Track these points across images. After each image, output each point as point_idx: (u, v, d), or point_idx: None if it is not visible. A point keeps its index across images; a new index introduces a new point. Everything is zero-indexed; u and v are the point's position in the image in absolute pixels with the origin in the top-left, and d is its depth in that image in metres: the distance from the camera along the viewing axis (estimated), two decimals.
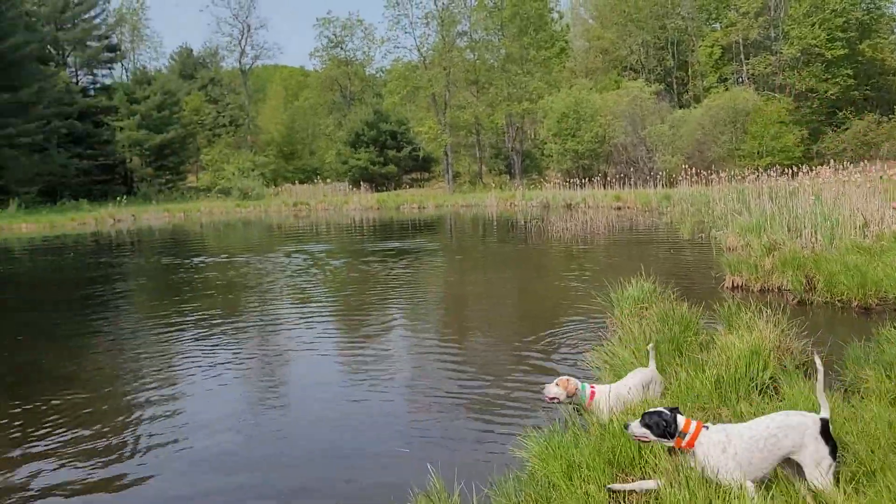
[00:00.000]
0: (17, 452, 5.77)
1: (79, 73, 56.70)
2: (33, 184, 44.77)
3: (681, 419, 3.78)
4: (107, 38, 57.85)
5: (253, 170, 53.05)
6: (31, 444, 5.93)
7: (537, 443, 4.34)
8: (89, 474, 5.35)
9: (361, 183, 51.43)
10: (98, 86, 57.06)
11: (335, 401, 6.87)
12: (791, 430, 3.62)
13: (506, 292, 13.57)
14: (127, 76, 61.44)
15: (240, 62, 68.81)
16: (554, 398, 5.02)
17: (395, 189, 52.91)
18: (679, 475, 3.67)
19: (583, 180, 39.97)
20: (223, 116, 63.47)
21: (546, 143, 48.21)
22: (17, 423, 6.46)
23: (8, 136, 42.64)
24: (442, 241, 24.58)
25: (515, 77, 49.73)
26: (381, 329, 10.41)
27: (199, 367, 8.26)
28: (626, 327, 7.07)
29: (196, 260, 19.97)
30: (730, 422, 4.21)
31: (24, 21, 46.49)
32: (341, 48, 66.78)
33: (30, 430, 6.27)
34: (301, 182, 56.42)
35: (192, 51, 69.97)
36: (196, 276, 16.84)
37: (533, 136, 56.15)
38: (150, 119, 52.14)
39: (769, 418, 3.76)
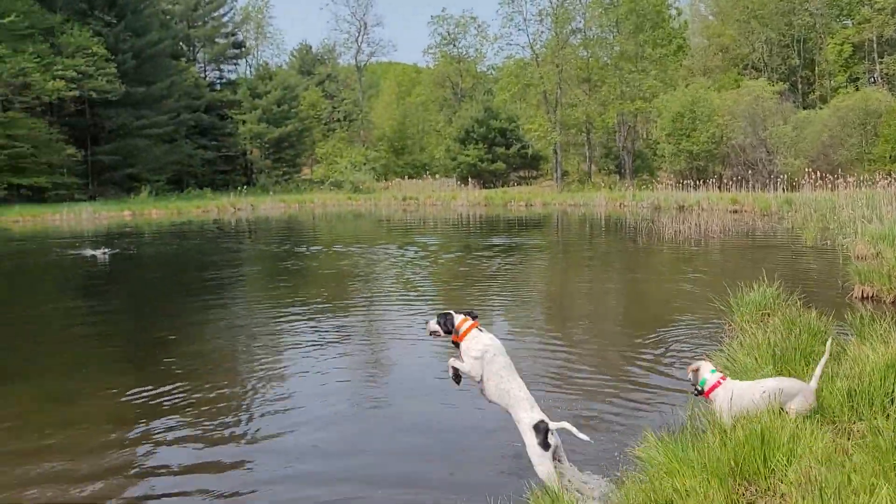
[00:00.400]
0: (142, 419, 6.15)
1: (207, 68, 59.81)
2: (163, 172, 47.59)
3: (458, 318, 4.68)
4: (233, 35, 60.75)
5: (364, 164, 54.34)
6: (157, 411, 6.31)
7: (657, 445, 4.22)
8: (207, 434, 5.66)
9: (469, 179, 51.73)
10: (224, 81, 60.00)
11: (441, 391, 6.94)
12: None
13: (613, 291, 13.31)
14: (250, 72, 64.23)
15: (356, 59, 70.78)
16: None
17: (502, 186, 52.88)
18: (811, 489, 3.48)
19: (697, 182, 38.60)
20: (338, 111, 65.34)
21: (659, 143, 46.87)
22: (145, 393, 6.87)
23: (142, 127, 45.57)
24: (549, 239, 24.38)
25: (629, 75, 48.58)
26: (485, 323, 10.42)
27: (309, 350, 8.54)
28: (748, 333, 6.76)
29: (309, 249, 20.68)
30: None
31: (159, 19, 49.49)
32: (454, 45, 67.32)
33: (158, 399, 6.67)
34: (410, 177, 57.31)
35: (310, 48, 72.42)
36: (309, 264, 17.45)
37: (645, 135, 54.73)
38: (270, 113, 54.39)
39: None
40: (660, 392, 6.64)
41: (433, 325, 4.75)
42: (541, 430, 4.31)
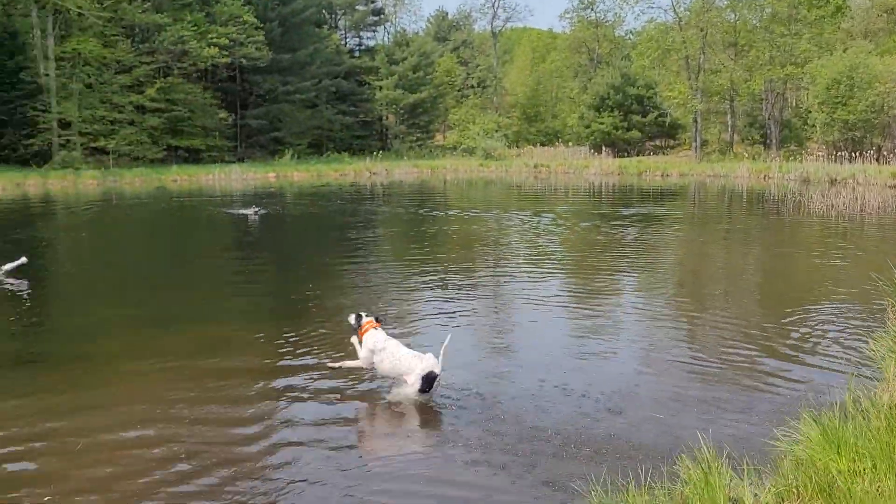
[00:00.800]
0: (281, 370, 6.60)
1: (347, 35, 61.42)
2: (305, 137, 49.66)
3: (365, 318, 6.07)
4: (373, 2, 61.92)
5: (497, 131, 54.29)
6: (299, 365, 6.74)
7: (816, 426, 4.08)
8: (344, 388, 6.02)
9: (603, 148, 50.57)
10: (363, 48, 61.44)
11: (570, 358, 7.00)
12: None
13: (755, 266, 12.79)
14: (388, 39, 65.39)
15: (491, 24, 70.42)
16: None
17: (637, 155, 51.36)
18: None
19: (852, 154, 35.90)
20: (472, 78, 65.48)
21: (810, 112, 43.81)
22: (289, 345, 7.34)
23: (287, 93, 47.68)
24: (685, 210, 23.61)
25: (781, 39, 45.50)
26: (614, 292, 10.34)
27: (439, 310, 8.78)
28: None
29: (439, 213, 21.11)
30: None
31: None
32: (592, 9, 65.48)
33: (298, 352, 7.12)
34: (542, 145, 56.73)
35: (447, 14, 72.71)
36: (440, 227, 17.85)
37: (794, 103, 51.28)
38: (406, 79, 55.31)
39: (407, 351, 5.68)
40: (811, 371, 6.41)
41: (351, 319, 6.20)
42: (430, 378, 5.50)
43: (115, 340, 7.66)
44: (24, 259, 10.80)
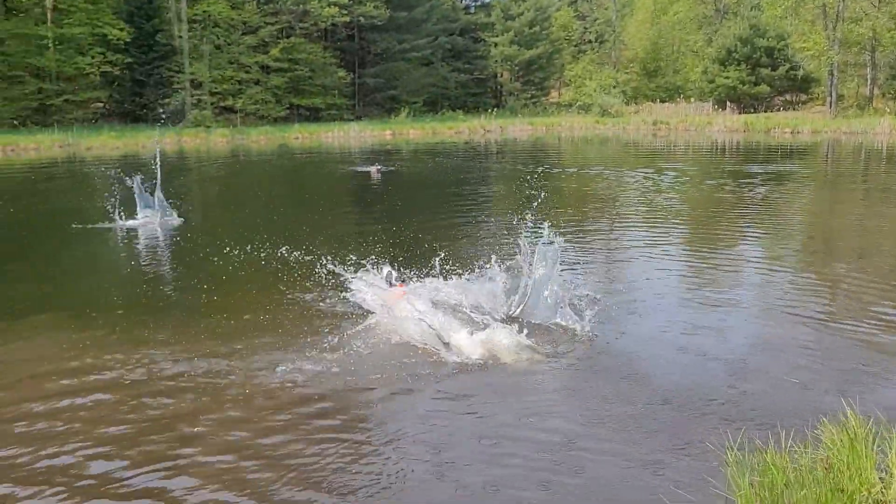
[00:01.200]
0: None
1: None
2: (420, 95, 50.12)
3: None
4: None
5: (614, 87, 52.84)
6: None
7: None
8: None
9: (727, 103, 48.27)
10: (478, 3, 60.94)
11: (696, 316, 6.89)
12: None
13: (892, 226, 12.01)
14: None
15: None
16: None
17: (764, 111, 48.72)
18: None
19: None
20: (589, 32, 63.73)
21: None
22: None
23: (404, 51, 48.14)
24: (817, 169, 22.34)
25: None
26: (742, 251, 9.99)
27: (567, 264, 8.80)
28: None
29: (557, 170, 20.92)
30: None
31: None
32: None
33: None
34: (662, 101, 54.76)
35: None
36: (553, 185, 17.72)
37: None
38: (521, 35, 54.53)
39: None
40: None
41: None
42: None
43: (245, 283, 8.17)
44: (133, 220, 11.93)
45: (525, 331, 6.10)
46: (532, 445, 4.44)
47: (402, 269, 8.41)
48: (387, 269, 7.05)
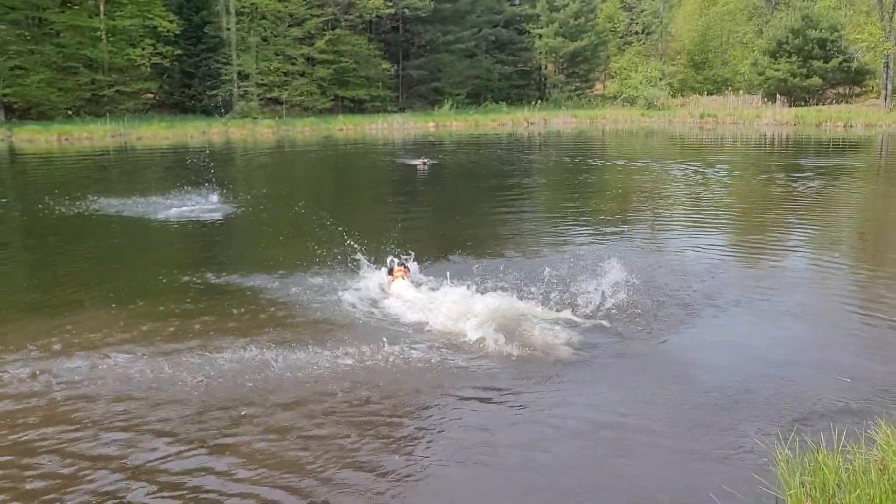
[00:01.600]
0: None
1: None
2: (463, 87, 50.03)
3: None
4: None
5: (660, 79, 52.02)
6: None
7: None
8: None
9: (777, 96, 47.19)
10: None
11: (744, 312, 6.80)
12: None
13: None
14: None
15: None
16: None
17: (815, 104, 47.50)
18: None
19: None
20: (636, 24, 62.80)
21: None
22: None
23: (448, 43, 48.10)
24: (870, 164, 21.75)
25: None
26: (780, 252, 9.80)
27: (589, 261, 8.72)
28: None
29: (603, 162, 20.77)
30: None
31: None
32: None
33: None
34: (709, 93, 53.76)
35: None
36: (595, 177, 17.63)
37: None
38: (566, 26, 54.01)
39: None
40: None
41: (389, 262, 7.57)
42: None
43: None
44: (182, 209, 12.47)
45: (572, 326, 6.11)
46: (579, 440, 4.46)
47: (434, 262, 8.48)
48: (391, 258, 7.59)
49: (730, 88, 52.80)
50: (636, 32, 62.65)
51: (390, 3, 43.85)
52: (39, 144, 30.10)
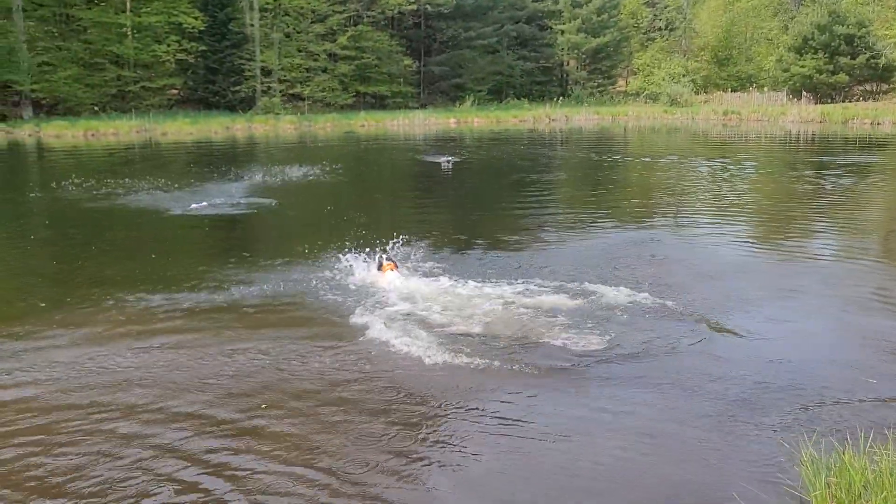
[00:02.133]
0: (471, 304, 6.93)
1: None
2: (485, 83, 49.96)
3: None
4: None
5: (684, 76, 51.62)
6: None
7: None
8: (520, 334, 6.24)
9: (803, 93, 46.63)
10: None
11: (772, 311, 6.77)
12: None
13: None
14: None
15: None
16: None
17: (842, 101, 46.87)
18: None
19: None
20: (659, 20, 62.30)
21: None
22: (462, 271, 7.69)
23: (470, 39, 48.07)
24: None
25: None
26: (808, 250, 9.72)
27: (607, 262, 8.71)
28: None
29: (629, 159, 20.69)
30: None
31: None
32: None
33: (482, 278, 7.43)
34: (733, 90, 53.23)
35: None
36: (620, 174, 17.56)
37: None
38: (589, 23, 53.74)
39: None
40: None
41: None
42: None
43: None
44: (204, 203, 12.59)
45: (592, 323, 6.12)
46: (600, 439, 4.49)
47: (451, 256, 8.52)
48: (379, 254, 8.09)
49: (754, 85, 52.27)
50: (659, 28, 62.16)
51: (412, 0, 43.92)
52: (66, 139, 30.54)
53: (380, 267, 7.88)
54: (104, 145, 28.33)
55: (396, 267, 7.93)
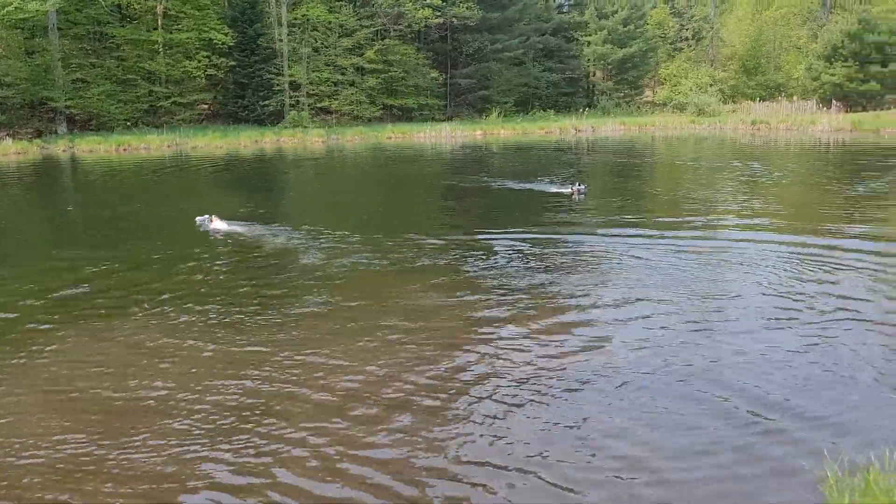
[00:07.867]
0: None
1: None
2: (511, 94, 50.07)
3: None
4: None
5: (711, 85, 51.32)
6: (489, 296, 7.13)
7: None
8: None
9: (833, 102, 46.08)
10: (572, 2, 60.25)
11: (798, 334, 6.74)
12: None
13: None
14: None
15: None
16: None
17: (874, 110, 46.21)
18: None
19: None
20: (686, 30, 61.98)
21: None
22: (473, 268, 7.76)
23: (496, 51, 48.24)
24: None
25: None
26: (837, 261, 9.60)
27: (633, 269, 8.73)
28: None
29: (656, 163, 20.60)
30: None
31: None
32: None
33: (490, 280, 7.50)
34: (762, 100, 52.74)
35: None
36: (661, 183, 17.47)
37: None
38: (615, 34, 53.69)
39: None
40: None
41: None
42: None
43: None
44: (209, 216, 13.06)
45: (612, 333, 6.15)
46: (619, 455, 4.52)
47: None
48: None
49: (783, 94, 51.76)
50: (686, 38, 61.85)
51: (439, 13, 44.21)
52: (99, 154, 31.20)
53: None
54: (136, 159, 28.89)
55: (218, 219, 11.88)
